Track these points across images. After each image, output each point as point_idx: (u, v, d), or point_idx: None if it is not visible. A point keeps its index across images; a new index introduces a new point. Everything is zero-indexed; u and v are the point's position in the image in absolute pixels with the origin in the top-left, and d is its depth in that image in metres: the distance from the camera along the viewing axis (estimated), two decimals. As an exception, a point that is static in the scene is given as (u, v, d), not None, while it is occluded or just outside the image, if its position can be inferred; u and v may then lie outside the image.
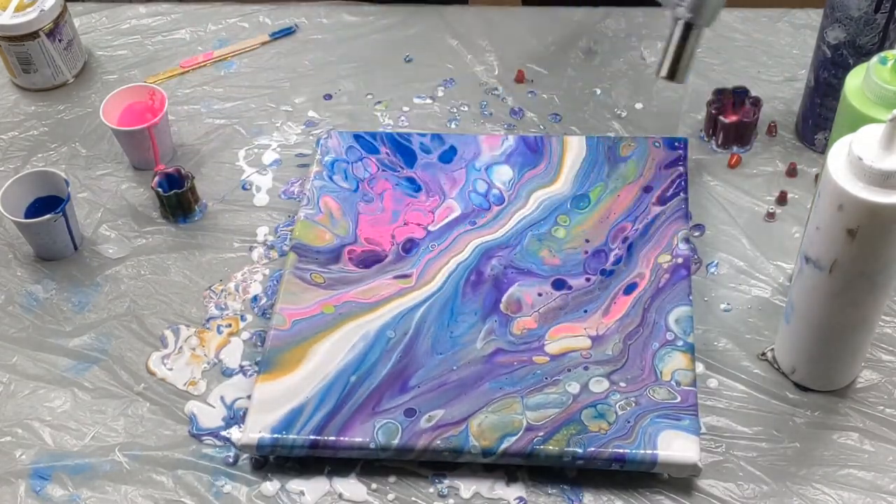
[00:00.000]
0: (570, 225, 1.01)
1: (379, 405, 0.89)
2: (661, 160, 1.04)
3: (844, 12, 0.96)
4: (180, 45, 1.26)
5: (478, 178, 1.05)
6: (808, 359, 0.88)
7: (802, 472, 0.86)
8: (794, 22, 1.20)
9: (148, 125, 1.08)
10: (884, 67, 0.84)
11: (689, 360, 0.89)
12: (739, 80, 1.13)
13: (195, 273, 1.03)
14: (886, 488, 0.85)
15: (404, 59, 1.22)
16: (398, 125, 1.14)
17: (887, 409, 0.89)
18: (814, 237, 0.79)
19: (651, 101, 1.14)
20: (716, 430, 0.89)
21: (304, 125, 1.16)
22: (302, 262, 0.99)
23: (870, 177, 0.73)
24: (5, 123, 1.19)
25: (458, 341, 0.93)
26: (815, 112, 1.05)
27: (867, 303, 0.82)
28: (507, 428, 0.86)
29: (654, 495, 0.86)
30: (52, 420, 0.94)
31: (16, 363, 0.98)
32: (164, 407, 0.94)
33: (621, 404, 0.87)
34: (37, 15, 1.16)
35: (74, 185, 1.11)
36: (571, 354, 0.91)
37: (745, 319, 0.95)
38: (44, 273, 1.05)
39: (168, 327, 0.99)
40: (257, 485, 0.88)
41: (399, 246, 1.00)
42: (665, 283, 0.95)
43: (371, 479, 0.88)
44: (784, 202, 1.03)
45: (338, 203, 1.04)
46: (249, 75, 1.22)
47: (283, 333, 0.94)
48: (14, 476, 0.90)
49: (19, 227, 1.04)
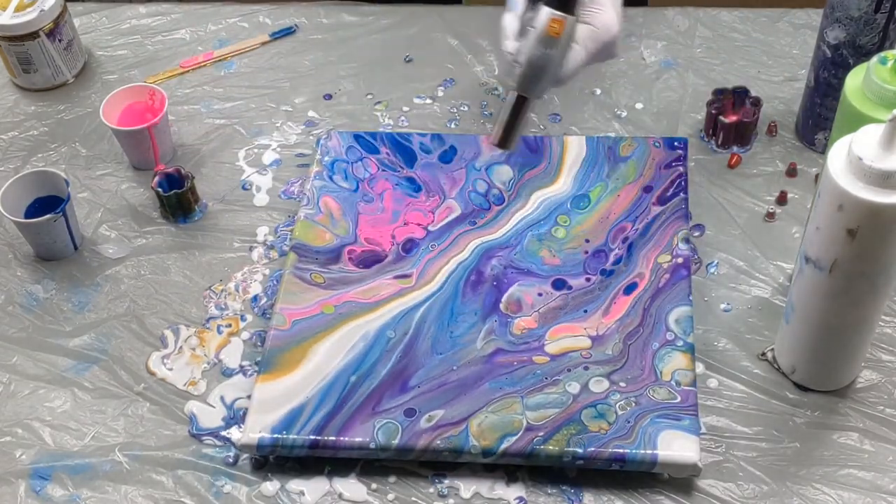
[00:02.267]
0: (570, 225, 1.01)
1: (379, 405, 0.89)
2: (661, 160, 1.04)
3: (844, 12, 0.96)
4: (180, 45, 1.26)
5: (478, 178, 1.05)
6: (808, 359, 0.88)
7: (802, 472, 0.86)
8: (794, 22, 1.20)
9: (148, 125, 1.08)
10: (884, 67, 0.84)
11: (689, 360, 0.89)
12: (739, 80, 1.13)
13: (195, 273, 1.03)
14: (886, 488, 0.85)
15: (404, 59, 1.22)
16: (398, 125, 1.14)
17: (887, 409, 0.89)
18: (814, 237, 0.79)
19: (651, 101, 1.14)
20: (716, 430, 0.89)
21: (304, 125, 1.16)
22: (302, 262, 0.99)
23: (870, 177, 0.73)
24: (5, 123, 1.19)
25: (458, 341, 0.93)
26: (815, 112, 1.05)
27: (867, 303, 0.82)
28: (507, 428, 0.86)
29: (654, 495, 0.86)
30: (52, 420, 0.94)
31: (16, 363, 0.98)
32: (164, 407, 0.94)
33: (621, 404, 0.87)
34: (37, 15, 1.16)
35: (74, 185, 1.11)
36: (571, 354, 0.91)
37: (745, 319, 0.95)
38: (44, 273, 1.05)
39: (168, 327, 0.99)
40: (257, 485, 0.88)
41: (399, 246, 1.00)
42: (665, 283, 0.95)
43: (371, 479, 0.88)
44: (784, 202, 1.03)
45: (338, 203, 1.04)
46: (249, 75, 1.22)
47: (283, 333, 0.94)
48: (14, 476, 0.90)
49: (19, 227, 1.04)
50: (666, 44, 1.19)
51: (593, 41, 0.90)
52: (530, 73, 0.89)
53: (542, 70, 0.89)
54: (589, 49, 0.90)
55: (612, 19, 0.90)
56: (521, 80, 0.90)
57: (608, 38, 0.90)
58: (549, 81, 0.90)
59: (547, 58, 0.88)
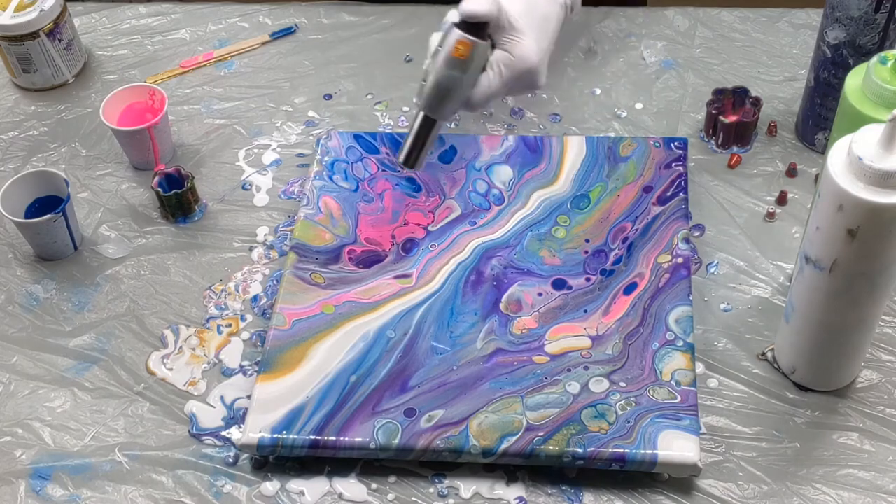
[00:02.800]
0: (570, 225, 1.01)
1: (379, 405, 0.89)
2: (661, 160, 1.04)
3: (844, 12, 0.96)
4: (180, 45, 1.26)
5: (478, 178, 1.05)
6: (808, 359, 0.88)
7: (802, 472, 0.86)
8: (794, 22, 1.20)
9: (148, 125, 1.08)
10: (884, 67, 0.84)
11: (689, 360, 0.89)
12: (739, 80, 1.14)
13: (195, 273, 1.03)
14: (886, 488, 0.85)
15: (404, 59, 1.22)
16: (398, 125, 1.14)
17: (887, 409, 0.89)
18: (814, 237, 0.79)
19: (651, 101, 1.14)
20: (716, 430, 0.89)
21: (304, 125, 1.16)
22: (302, 262, 0.99)
23: (870, 177, 0.73)
24: (5, 123, 1.19)
25: (458, 341, 0.93)
26: (815, 112, 1.05)
27: (867, 303, 0.82)
28: (507, 428, 0.86)
29: (654, 495, 0.86)
30: (52, 420, 0.94)
31: (16, 363, 0.98)
32: (164, 407, 0.94)
33: (621, 404, 0.87)
34: (37, 15, 1.16)
35: (74, 185, 1.11)
36: (571, 354, 0.91)
37: (745, 319, 0.95)
38: (44, 273, 1.05)
39: (168, 327, 0.99)
40: (257, 485, 0.88)
41: (399, 246, 1.00)
42: (665, 283, 0.95)
43: (371, 479, 0.88)
44: (784, 202, 1.03)
45: (338, 203, 1.04)
46: (249, 75, 1.22)
47: (283, 333, 0.94)
48: (14, 476, 0.90)
49: (19, 227, 1.04)
50: (666, 44, 1.19)
51: (509, 69, 0.89)
52: (435, 93, 0.89)
53: (448, 91, 0.88)
54: (504, 77, 0.89)
55: (530, 49, 0.88)
56: (426, 100, 0.90)
57: (524, 67, 0.89)
58: (456, 104, 0.90)
59: (452, 79, 0.88)
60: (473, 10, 0.86)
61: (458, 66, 0.88)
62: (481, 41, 0.87)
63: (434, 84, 0.89)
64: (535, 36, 0.89)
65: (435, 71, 0.89)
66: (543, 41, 0.90)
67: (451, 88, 0.89)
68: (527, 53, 0.88)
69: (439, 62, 0.88)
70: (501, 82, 0.89)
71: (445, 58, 0.88)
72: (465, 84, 0.89)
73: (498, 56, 0.89)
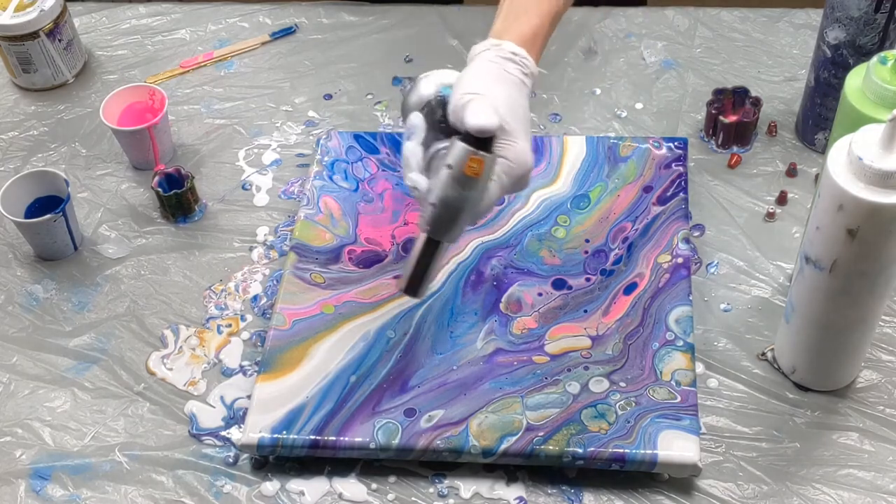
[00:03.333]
0: (570, 225, 1.01)
1: (379, 405, 0.89)
2: (661, 160, 1.04)
3: (844, 12, 0.96)
4: (180, 45, 1.26)
5: (478, 178, 1.05)
6: (808, 359, 0.88)
7: (802, 472, 0.86)
8: (794, 22, 1.20)
9: (148, 125, 1.08)
10: (884, 67, 0.84)
11: (689, 360, 0.89)
12: (739, 80, 1.14)
13: (195, 273, 1.03)
14: (886, 488, 0.85)
15: (404, 59, 1.22)
16: (398, 125, 1.14)
17: (887, 409, 0.89)
18: (814, 237, 0.79)
19: (651, 101, 1.14)
20: (716, 430, 0.89)
21: (304, 125, 1.16)
22: (302, 262, 0.99)
23: (870, 177, 0.73)
24: (5, 123, 1.19)
25: (458, 341, 0.93)
26: (815, 112, 1.05)
27: (867, 303, 0.82)
28: (507, 428, 0.86)
29: (654, 495, 0.86)
30: (52, 420, 0.94)
31: (16, 363, 0.98)
32: (164, 407, 0.94)
33: (621, 404, 0.87)
34: (37, 15, 1.16)
35: (74, 185, 1.11)
36: (571, 354, 0.91)
37: (745, 319, 0.95)
38: (44, 273, 1.05)
39: (168, 327, 0.99)
40: (257, 485, 0.88)
41: (399, 246, 1.00)
42: (665, 283, 0.95)
43: (371, 479, 0.88)
44: (784, 202, 1.03)
45: (338, 203, 1.04)
46: (249, 75, 1.22)
47: (283, 333, 0.94)
48: (14, 476, 0.90)
49: (19, 227, 1.04)
50: (666, 44, 1.19)
51: (508, 176, 0.82)
52: (445, 215, 0.81)
53: (458, 212, 0.80)
54: (503, 184, 0.82)
55: (525, 152, 0.83)
56: (433, 223, 0.81)
57: (522, 172, 0.83)
58: (465, 224, 0.82)
59: (464, 199, 0.80)
60: (483, 125, 0.79)
61: (470, 185, 0.80)
62: (491, 154, 0.80)
63: (443, 205, 0.80)
64: (524, 136, 0.83)
65: (442, 190, 0.80)
66: (529, 138, 0.85)
67: (461, 209, 0.81)
68: (522, 157, 0.83)
69: (446, 181, 0.80)
70: (501, 190, 0.83)
71: (457, 177, 0.79)
72: (476, 201, 0.81)
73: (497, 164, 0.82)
